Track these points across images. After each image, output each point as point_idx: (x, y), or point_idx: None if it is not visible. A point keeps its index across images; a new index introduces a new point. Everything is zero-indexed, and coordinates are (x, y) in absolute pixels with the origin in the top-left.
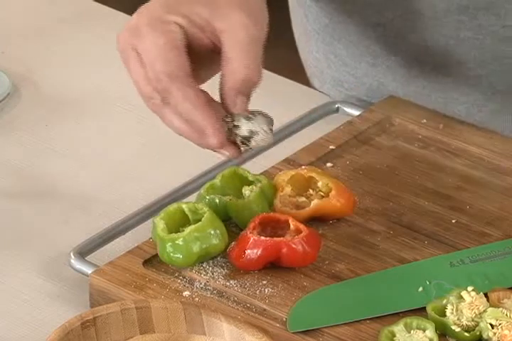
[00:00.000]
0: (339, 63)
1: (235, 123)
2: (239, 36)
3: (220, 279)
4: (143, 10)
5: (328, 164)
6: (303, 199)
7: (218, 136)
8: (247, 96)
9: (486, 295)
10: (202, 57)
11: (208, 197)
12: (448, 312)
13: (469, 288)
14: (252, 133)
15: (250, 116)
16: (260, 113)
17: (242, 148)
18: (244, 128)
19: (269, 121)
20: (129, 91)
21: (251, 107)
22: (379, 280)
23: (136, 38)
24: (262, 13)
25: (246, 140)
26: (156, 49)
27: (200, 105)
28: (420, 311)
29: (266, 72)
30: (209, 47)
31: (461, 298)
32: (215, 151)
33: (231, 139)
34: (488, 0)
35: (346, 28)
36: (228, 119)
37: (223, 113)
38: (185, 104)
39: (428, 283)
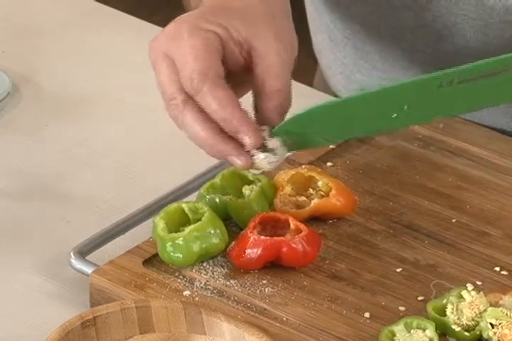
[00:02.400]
0: (369, 68)
1: (273, 135)
2: (273, 61)
3: (220, 279)
4: (180, 19)
5: (329, 163)
6: (303, 198)
7: (255, 135)
8: (285, 114)
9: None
10: (233, 72)
11: (208, 197)
12: (448, 311)
13: (469, 288)
14: (272, 150)
15: (273, 148)
16: (280, 147)
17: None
18: (273, 142)
19: (280, 156)
20: (129, 92)
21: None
22: (362, 102)
23: (174, 42)
24: (293, 38)
25: (261, 150)
26: (192, 50)
27: (233, 104)
28: (420, 311)
29: None
30: (241, 64)
31: (461, 297)
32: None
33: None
34: None
35: (380, 32)
36: (267, 129)
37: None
38: (216, 103)
39: (406, 107)
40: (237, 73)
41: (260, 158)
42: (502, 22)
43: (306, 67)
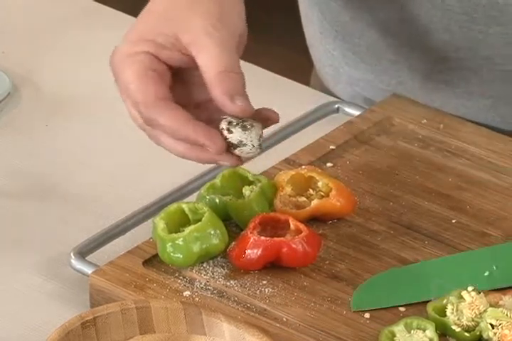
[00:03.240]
0: (357, 60)
1: (231, 129)
2: (205, 44)
3: (220, 279)
4: (115, 49)
5: (329, 164)
6: (303, 199)
7: (215, 143)
8: (242, 94)
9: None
10: (189, 75)
11: (208, 197)
12: (448, 312)
13: (469, 288)
14: (241, 143)
15: (247, 126)
16: (256, 126)
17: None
18: (235, 136)
19: (260, 135)
20: None
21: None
22: (436, 267)
23: (116, 78)
24: (231, 15)
25: (233, 147)
26: (128, 83)
27: (184, 121)
28: (420, 312)
29: (266, 72)
30: (190, 63)
31: (461, 297)
32: (217, 163)
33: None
34: None
35: (368, 25)
36: (224, 125)
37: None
38: (169, 126)
39: (495, 267)
40: (197, 73)
41: (237, 154)
42: (486, 17)
43: (302, 66)
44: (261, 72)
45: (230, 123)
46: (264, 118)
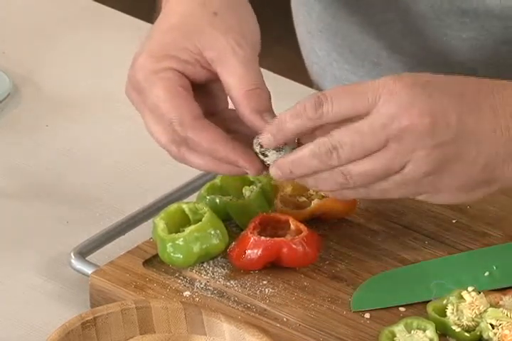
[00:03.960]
0: (342, 61)
1: (266, 153)
2: (230, 62)
3: (220, 279)
4: (135, 64)
5: None
6: (303, 199)
7: (254, 166)
8: (270, 110)
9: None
10: (207, 86)
11: (208, 197)
12: (448, 312)
13: (470, 288)
14: None
15: (280, 146)
16: (288, 144)
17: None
18: (271, 159)
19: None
20: None
21: None
22: (436, 267)
23: (141, 94)
24: (250, 29)
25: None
26: (159, 102)
27: (223, 142)
28: (420, 312)
29: (266, 72)
30: (212, 78)
31: (461, 298)
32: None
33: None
34: (487, 6)
35: (350, 27)
36: (257, 149)
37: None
38: (208, 146)
39: (495, 268)
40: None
41: (272, 160)
42: (459, 23)
43: (302, 66)
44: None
45: (262, 148)
46: None
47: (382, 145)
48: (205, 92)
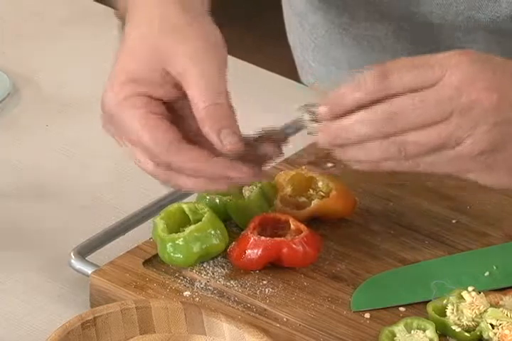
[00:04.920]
0: (338, 73)
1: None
2: (191, 76)
3: (220, 279)
4: (103, 97)
5: (329, 164)
6: (303, 199)
7: (244, 173)
8: (230, 127)
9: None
10: (182, 105)
11: (208, 197)
12: (448, 312)
13: (470, 288)
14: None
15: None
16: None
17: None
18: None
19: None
20: None
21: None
22: (436, 267)
23: (116, 127)
24: (212, 40)
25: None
26: (133, 132)
27: (206, 160)
28: (421, 312)
29: (266, 72)
30: (184, 95)
31: (461, 297)
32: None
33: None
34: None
35: (342, 39)
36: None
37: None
38: (191, 167)
39: (495, 268)
40: None
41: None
42: (433, 42)
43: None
44: (261, 72)
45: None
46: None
47: (445, 117)
48: (181, 113)
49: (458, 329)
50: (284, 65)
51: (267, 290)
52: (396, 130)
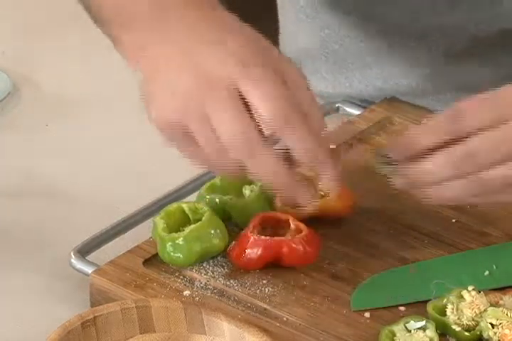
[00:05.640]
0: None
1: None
2: (260, 91)
3: (220, 278)
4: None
5: None
6: None
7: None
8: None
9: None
10: None
11: (208, 197)
12: (448, 311)
13: (470, 288)
14: None
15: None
16: None
17: None
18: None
19: None
20: (129, 92)
21: None
22: (436, 267)
23: (203, 120)
24: (260, 45)
25: None
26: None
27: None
28: (421, 312)
29: None
30: None
31: (461, 297)
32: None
33: None
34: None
35: (357, 54)
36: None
37: None
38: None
39: (495, 267)
40: None
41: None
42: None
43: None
44: None
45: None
46: None
47: None
48: None
49: (458, 329)
50: None
51: (266, 289)
52: (476, 169)
